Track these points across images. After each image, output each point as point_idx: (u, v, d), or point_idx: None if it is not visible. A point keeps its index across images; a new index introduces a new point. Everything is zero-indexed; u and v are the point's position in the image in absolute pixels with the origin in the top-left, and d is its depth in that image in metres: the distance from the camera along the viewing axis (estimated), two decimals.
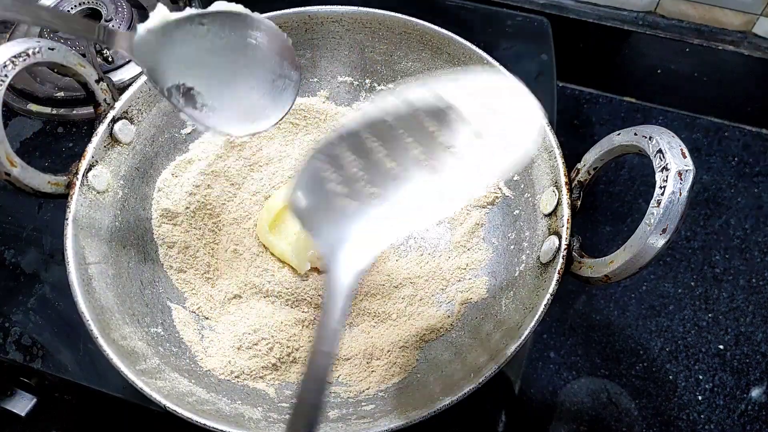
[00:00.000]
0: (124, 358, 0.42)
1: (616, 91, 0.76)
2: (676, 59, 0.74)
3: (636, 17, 0.74)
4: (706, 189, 0.69)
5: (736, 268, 0.65)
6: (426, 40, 0.55)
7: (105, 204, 0.49)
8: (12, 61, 0.42)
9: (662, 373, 0.59)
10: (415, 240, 0.56)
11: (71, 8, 0.68)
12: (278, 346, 0.49)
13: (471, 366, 0.45)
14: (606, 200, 0.69)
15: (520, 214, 0.52)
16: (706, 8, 0.71)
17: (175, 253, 0.52)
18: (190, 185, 0.54)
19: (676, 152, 0.38)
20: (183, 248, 0.52)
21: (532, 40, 0.70)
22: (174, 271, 0.52)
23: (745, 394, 0.58)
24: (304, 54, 0.58)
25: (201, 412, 0.41)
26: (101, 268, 0.47)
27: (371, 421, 0.44)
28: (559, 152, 0.48)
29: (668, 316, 0.62)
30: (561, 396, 0.58)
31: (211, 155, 0.55)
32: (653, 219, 0.37)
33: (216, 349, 0.49)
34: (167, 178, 0.54)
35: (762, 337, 0.61)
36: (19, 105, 0.65)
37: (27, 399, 0.56)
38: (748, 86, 0.74)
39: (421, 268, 0.54)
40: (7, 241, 0.58)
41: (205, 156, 0.55)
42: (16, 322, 0.54)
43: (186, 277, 0.52)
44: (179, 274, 0.52)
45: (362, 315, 0.52)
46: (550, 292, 0.43)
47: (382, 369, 0.49)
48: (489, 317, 0.50)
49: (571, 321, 0.62)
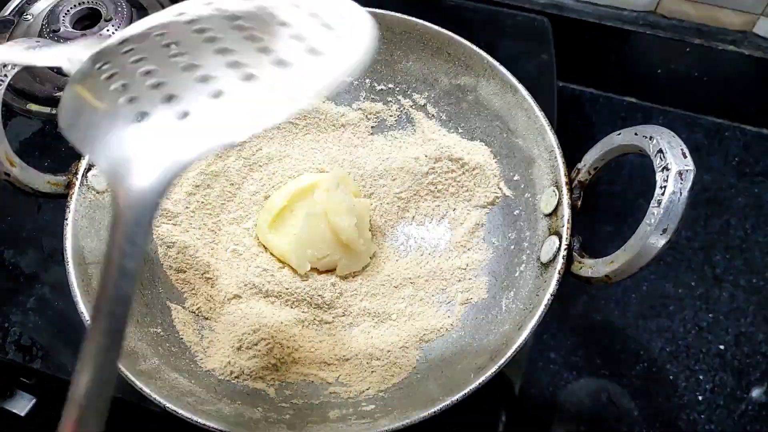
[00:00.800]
0: (124, 358, 0.42)
1: (616, 91, 0.76)
2: (677, 59, 0.74)
3: (636, 17, 0.74)
4: (707, 189, 0.69)
5: (736, 268, 0.64)
6: (426, 40, 0.55)
7: (105, 204, 0.49)
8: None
9: (662, 373, 0.59)
10: (415, 240, 0.56)
11: (71, 8, 0.68)
12: (278, 347, 0.49)
13: (471, 366, 0.45)
14: (606, 200, 0.69)
15: (521, 214, 0.52)
16: (706, 8, 0.71)
17: (175, 253, 0.52)
18: (190, 185, 0.54)
19: (676, 152, 0.38)
20: (182, 248, 0.52)
21: (532, 40, 0.70)
22: (173, 271, 0.52)
23: (745, 394, 0.58)
24: None
25: (201, 412, 0.41)
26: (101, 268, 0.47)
27: (371, 421, 0.44)
28: (559, 152, 0.48)
29: (669, 317, 0.62)
30: (561, 396, 0.58)
31: (210, 155, 0.55)
32: (654, 219, 0.37)
33: (215, 349, 0.49)
34: None
35: (762, 338, 0.61)
36: (19, 105, 0.65)
37: (27, 399, 0.56)
38: (749, 86, 0.74)
39: (421, 268, 0.54)
40: (7, 241, 0.58)
41: (204, 156, 0.55)
42: (16, 323, 0.54)
43: (185, 277, 0.52)
44: (179, 274, 0.52)
45: (362, 315, 0.52)
46: (550, 292, 0.43)
47: (382, 369, 0.49)
48: (489, 317, 0.50)
49: (572, 321, 0.62)
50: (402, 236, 0.56)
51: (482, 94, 0.55)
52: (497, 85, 0.53)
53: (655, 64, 0.75)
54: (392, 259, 0.55)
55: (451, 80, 0.56)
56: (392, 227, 0.56)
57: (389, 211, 0.56)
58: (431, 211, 0.56)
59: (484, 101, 0.55)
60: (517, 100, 0.52)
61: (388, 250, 0.56)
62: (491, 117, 0.55)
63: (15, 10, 0.72)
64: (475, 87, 0.55)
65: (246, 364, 0.48)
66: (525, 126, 0.51)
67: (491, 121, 0.55)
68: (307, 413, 0.46)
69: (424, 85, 0.58)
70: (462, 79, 0.55)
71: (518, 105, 0.52)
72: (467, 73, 0.55)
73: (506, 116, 0.53)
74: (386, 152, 0.58)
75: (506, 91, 0.52)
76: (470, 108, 0.56)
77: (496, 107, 0.54)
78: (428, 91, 0.58)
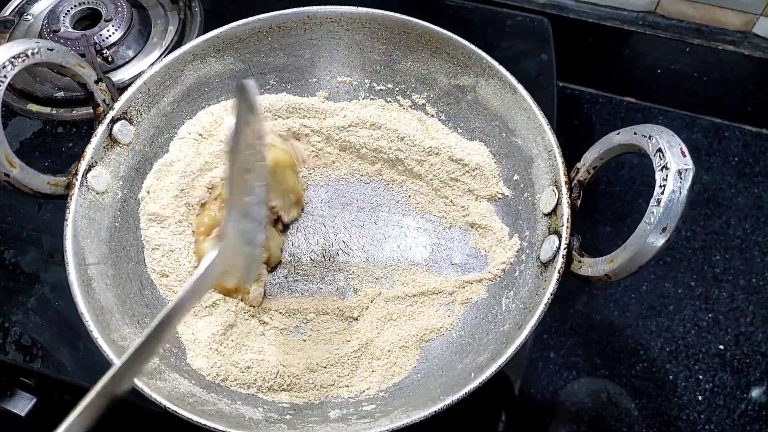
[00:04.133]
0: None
1: (616, 91, 0.76)
2: (676, 59, 0.74)
3: (636, 17, 0.74)
4: (706, 189, 0.69)
5: (736, 268, 0.64)
6: (425, 40, 0.55)
7: (104, 205, 0.49)
8: (11, 61, 0.42)
9: (662, 373, 0.59)
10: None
11: (71, 8, 0.68)
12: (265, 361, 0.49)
13: (471, 366, 0.45)
14: (606, 200, 0.69)
15: (520, 214, 0.52)
16: (706, 8, 0.71)
17: (159, 256, 0.51)
18: (176, 189, 0.53)
19: (675, 151, 0.38)
20: (167, 251, 0.52)
21: (532, 40, 0.70)
22: (157, 275, 0.51)
23: (745, 394, 0.58)
24: (303, 54, 0.58)
25: (201, 412, 0.41)
26: (101, 268, 0.47)
27: (372, 421, 0.44)
28: (558, 152, 0.48)
29: (668, 316, 0.62)
30: (561, 396, 0.58)
31: (189, 154, 0.54)
32: (653, 218, 0.37)
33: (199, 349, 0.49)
34: (152, 183, 0.53)
35: (762, 337, 0.61)
36: (19, 105, 0.65)
37: (27, 399, 0.56)
38: (748, 86, 0.74)
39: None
40: (7, 241, 0.58)
41: (183, 156, 0.54)
42: (16, 322, 0.54)
43: (168, 282, 0.51)
44: (161, 278, 0.51)
45: (363, 315, 0.52)
46: (550, 292, 0.43)
47: (383, 369, 0.49)
48: (489, 317, 0.50)
49: (572, 321, 0.62)
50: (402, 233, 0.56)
51: (481, 94, 0.55)
52: (496, 85, 0.53)
53: (654, 64, 0.75)
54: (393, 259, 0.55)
55: (450, 80, 0.56)
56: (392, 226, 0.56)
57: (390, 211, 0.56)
58: (431, 209, 0.56)
59: (483, 101, 0.55)
60: (516, 100, 0.52)
61: (389, 250, 0.56)
62: (490, 117, 0.55)
63: (15, 10, 0.73)
64: (475, 87, 0.55)
65: (231, 369, 0.48)
66: (524, 126, 0.51)
67: (490, 121, 0.55)
68: (307, 413, 0.47)
69: (424, 85, 0.58)
70: (461, 79, 0.55)
71: (517, 105, 0.52)
72: (466, 73, 0.55)
73: (505, 116, 0.53)
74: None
75: (505, 91, 0.52)
76: (469, 108, 0.56)
77: (496, 107, 0.54)
78: (427, 91, 0.58)
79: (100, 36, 0.66)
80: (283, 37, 0.57)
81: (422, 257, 0.55)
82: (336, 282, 0.54)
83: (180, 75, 0.54)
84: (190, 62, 0.54)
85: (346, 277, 0.54)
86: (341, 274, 0.54)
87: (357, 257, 0.55)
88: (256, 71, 0.58)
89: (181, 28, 0.70)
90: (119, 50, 0.67)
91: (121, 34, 0.67)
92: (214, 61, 0.56)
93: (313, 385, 0.48)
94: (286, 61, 0.58)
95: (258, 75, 0.58)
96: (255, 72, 0.58)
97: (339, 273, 0.54)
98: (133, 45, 0.68)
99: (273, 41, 0.57)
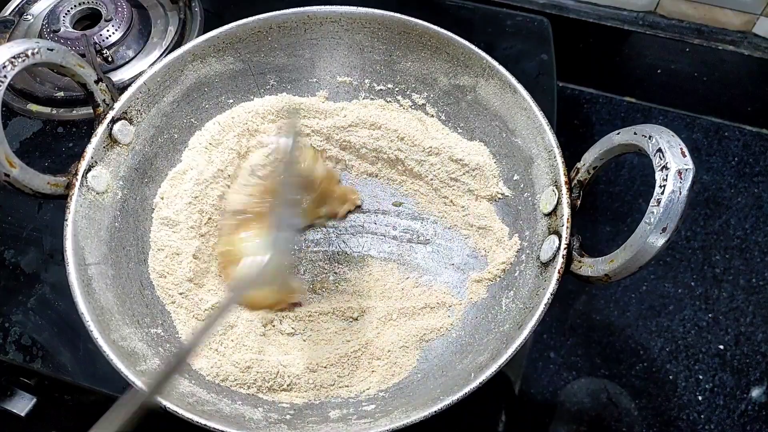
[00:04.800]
0: (124, 358, 0.42)
1: (616, 91, 0.77)
2: (676, 59, 0.74)
3: (636, 17, 0.74)
4: (706, 189, 0.69)
5: (736, 268, 0.64)
6: (425, 40, 0.55)
7: (104, 205, 0.49)
8: (11, 61, 0.42)
9: (662, 373, 0.59)
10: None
11: (71, 8, 0.68)
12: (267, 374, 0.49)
13: (471, 366, 0.45)
14: (606, 200, 0.69)
15: (520, 214, 0.52)
16: (706, 8, 0.71)
17: (163, 257, 0.51)
18: (189, 196, 0.53)
19: (675, 151, 0.38)
20: (172, 254, 0.51)
21: (532, 40, 0.70)
22: (156, 274, 0.51)
23: (745, 394, 0.58)
24: (303, 54, 0.58)
25: (201, 412, 0.41)
26: (101, 268, 0.47)
27: (372, 421, 0.44)
28: (558, 152, 0.48)
29: (668, 316, 0.62)
30: (561, 396, 0.58)
31: (201, 162, 0.55)
32: (653, 218, 0.37)
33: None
34: (166, 190, 0.54)
35: (762, 337, 0.61)
36: (19, 105, 0.65)
37: (27, 399, 0.56)
38: (748, 86, 0.74)
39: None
40: (7, 241, 0.58)
41: (196, 164, 0.54)
42: (16, 322, 0.54)
43: (165, 284, 0.51)
44: (160, 278, 0.51)
45: (363, 315, 0.52)
46: (550, 292, 0.43)
47: (383, 369, 0.49)
48: (489, 317, 0.50)
49: (572, 321, 0.62)
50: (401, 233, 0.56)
51: (481, 94, 0.55)
52: (496, 85, 0.53)
53: (654, 64, 0.75)
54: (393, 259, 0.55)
55: (450, 80, 0.56)
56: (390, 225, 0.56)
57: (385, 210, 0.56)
58: (431, 208, 0.56)
59: (483, 101, 0.55)
60: (516, 100, 0.52)
61: (389, 250, 0.56)
62: (490, 117, 0.55)
63: (15, 10, 0.73)
64: (475, 87, 0.55)
65: (231, 369, 0.48)
66: (524, 126, 0.51)
67: (490, 121, 0.55)
68: (307, 413, 0.47)
69: (424, 85, 0.58)
70: (461, 79, 0.55)
71: (517, 105, 0.52)
72: (466, 73, 0.55)
73: (506, 116, 0.53)
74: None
75: (505, 91, 0.52)
76: (469, 108, 0.56)
77: (496, 107, 0.54)
78: (427, 91, 0.58)
79: (100, 36, 0.66)
80: (283, 37, 0.57)
81: (422, 257, 0.55)
82: (336, 281, 0.54)
83: (180, 75, 0.54)
84: (190, 62, 0.54)
85: (346, 277, 0.54)
86: (341, 273, 0.54)
87: (357, 257, 0.55)
88: (256, 71, 0.58)
89: (181, 28, 0.70)
90: (119, 50, 0.67)
91: (121, 34, 0.67)
92: (214, 61, 0.56)
93: (313, 385, 0.48)
94: (286, 61, 0.58)
95: (258, 75, 0.58)
96: (255, 72, 0.58)
97: (339, 273, 0.54)
98: (133, 45, 0.68)
99: (273, 41, 0.57)
